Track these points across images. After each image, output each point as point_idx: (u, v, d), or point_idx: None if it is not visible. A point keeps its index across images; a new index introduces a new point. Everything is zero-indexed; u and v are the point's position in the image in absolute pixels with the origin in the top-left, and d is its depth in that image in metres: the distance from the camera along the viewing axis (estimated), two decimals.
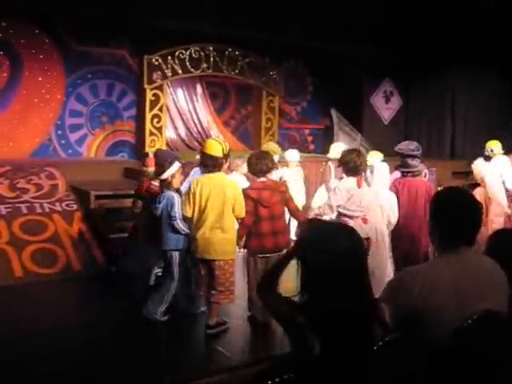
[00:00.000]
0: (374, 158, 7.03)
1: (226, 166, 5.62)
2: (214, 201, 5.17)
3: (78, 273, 7.19)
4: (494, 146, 8.13)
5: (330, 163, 8.40)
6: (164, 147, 10.71)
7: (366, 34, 11.33)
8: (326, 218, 5.52)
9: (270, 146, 8.33)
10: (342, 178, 5.83)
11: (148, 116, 10.67)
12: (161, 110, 10.83)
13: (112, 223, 8.16)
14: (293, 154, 8.81)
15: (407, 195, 5.74)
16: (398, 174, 8.65)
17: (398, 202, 5.67)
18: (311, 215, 5.73)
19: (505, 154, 8.09)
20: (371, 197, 5.57)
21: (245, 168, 6.80)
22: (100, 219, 8.15)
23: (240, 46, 11.48)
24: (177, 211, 5.42)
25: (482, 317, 2.30)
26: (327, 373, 2.03)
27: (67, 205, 8.17)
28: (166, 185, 5.60)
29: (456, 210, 2.48)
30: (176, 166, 5.61)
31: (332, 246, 2.09)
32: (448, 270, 2.39)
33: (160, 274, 6.29)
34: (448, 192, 2.68)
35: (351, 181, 5.50)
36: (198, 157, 6.44)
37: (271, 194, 5.43)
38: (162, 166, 5.67)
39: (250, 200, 5.36)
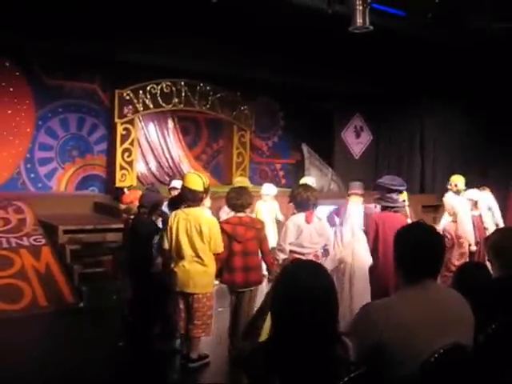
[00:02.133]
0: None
1: (205, 200, 5.64)
2: (191, 236, 5.13)
3: (45, 309, 7.04)
4: (458, 180, 8.24)
5: None
6: (134, 182, 10.69)
7: (336, 70, 11.48)
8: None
9: (241, 180, 8.39)
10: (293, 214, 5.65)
11: (119, 150, 10.66)
12: (132, 144, 10.83)
13: (80, 258, 8.04)
14: (269, 188, 8.88)
15: (388, 231, 5.31)
16: (371, 207, 8.72)
17: (377, 238, 5.49)
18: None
19: (479, 187, 8.26)
20: (325, 231, 5.54)
21: (208, 202, 6.79)
22: (68, 254, 8.01)
23: (211, 82, 11.58)
24: None
25: (449, 350, 2.30)
26: None
27: (35, 239, 8.02)
28: None
29: (417, 245, 2.50)
30: None
31: (307, 284, 2.10)
32: (413, 304, 2.39)
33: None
34: (409, 228, 2.71)
35: (300, 216, 5.42)
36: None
37: (246, 230, 5.41)
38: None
39: (225, 234, 5.34)
